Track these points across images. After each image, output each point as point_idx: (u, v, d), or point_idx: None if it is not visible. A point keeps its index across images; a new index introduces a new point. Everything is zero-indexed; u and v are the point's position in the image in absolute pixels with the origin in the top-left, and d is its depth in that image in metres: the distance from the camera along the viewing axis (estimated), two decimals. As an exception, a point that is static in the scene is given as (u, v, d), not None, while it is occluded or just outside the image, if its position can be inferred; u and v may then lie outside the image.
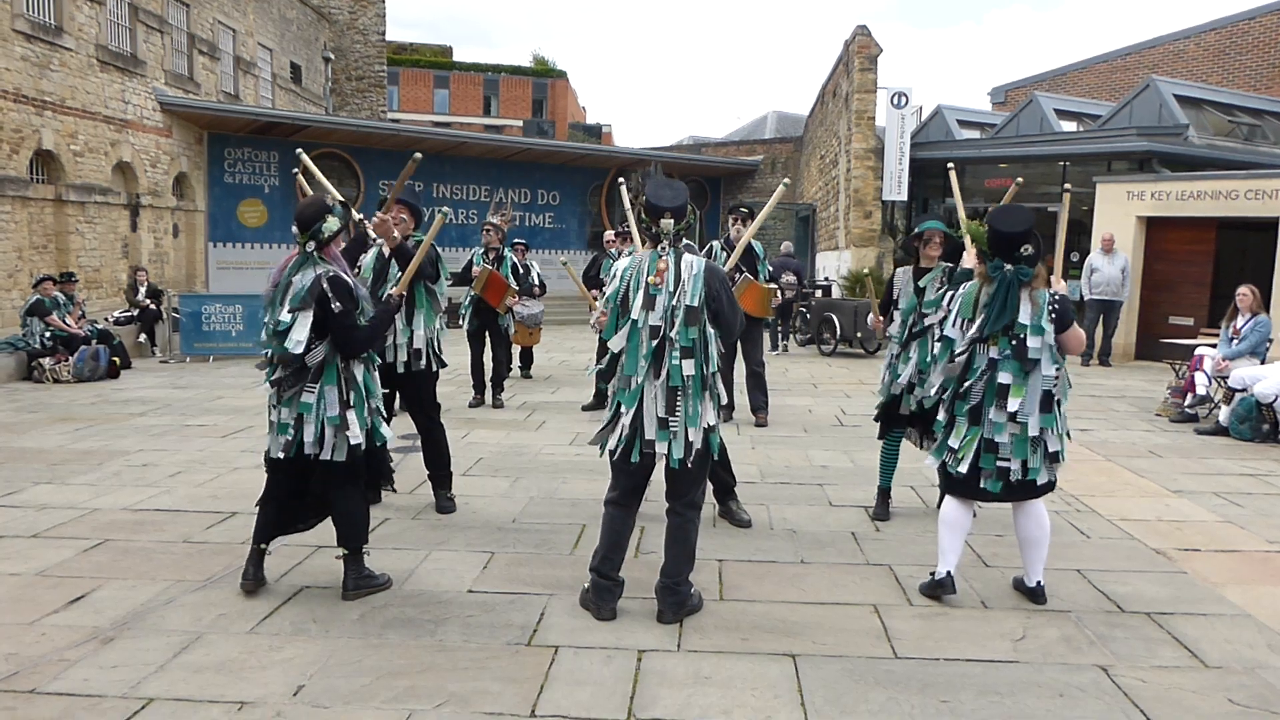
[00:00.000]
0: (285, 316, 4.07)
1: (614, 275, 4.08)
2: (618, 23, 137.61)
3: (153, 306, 14.52)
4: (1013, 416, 4.10)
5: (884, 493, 5.84)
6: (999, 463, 4.16)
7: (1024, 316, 4.09)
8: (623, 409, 4.02)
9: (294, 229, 4.22)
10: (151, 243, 17.41)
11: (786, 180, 5.06)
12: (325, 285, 4.11)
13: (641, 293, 3.94)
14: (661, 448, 3.96)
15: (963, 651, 3.82)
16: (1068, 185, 5.72)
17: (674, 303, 3.93)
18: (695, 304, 3.93)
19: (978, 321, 4.15)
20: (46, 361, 11.28)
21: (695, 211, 4.18)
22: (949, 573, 4.32)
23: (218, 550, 4.95)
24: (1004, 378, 4.11)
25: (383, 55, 31.05)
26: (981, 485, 4.22)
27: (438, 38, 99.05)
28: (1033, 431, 4.13)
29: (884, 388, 5.67)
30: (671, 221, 3.95)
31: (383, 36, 30.89)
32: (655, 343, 3.94)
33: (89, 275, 15.03)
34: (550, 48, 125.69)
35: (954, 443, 4.22)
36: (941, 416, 4.36)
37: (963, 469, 4.19)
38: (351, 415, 4.21)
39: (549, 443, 7.84)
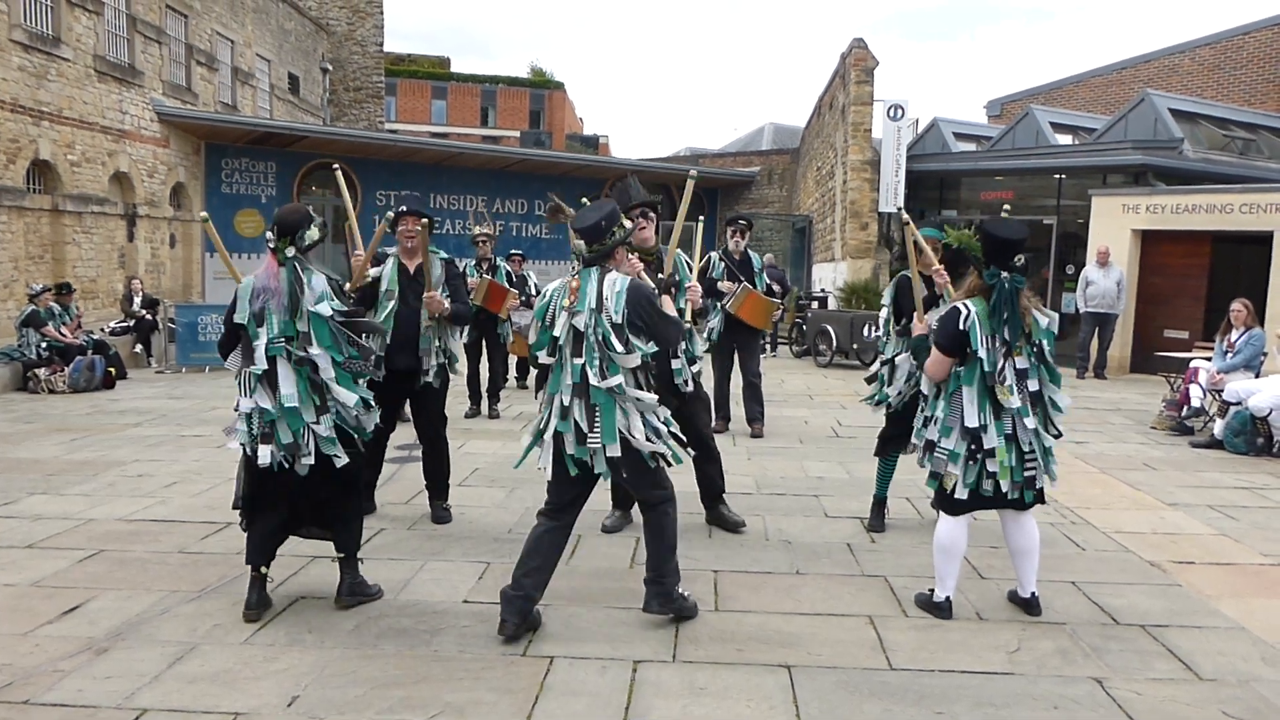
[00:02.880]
0: (321, 306, 4.10)
1: (543, 294, 4.15)
2: (615, 35, 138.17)
3: (148, 317, 14.52)
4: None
5: (880, 503, 5.85)
6: (1027, 472, 4.14)
7: (1044, 320, 4.12)
8: (544, 424, 4.07)
9: (269, 233, 4.16)
10: (148, 253, 17.41)
11: (693, 173, 4.99)
12: (339, 285, 4.25)
13: (565, 312, 3.99)
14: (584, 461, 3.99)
15: (958, 663, 3.83)
16: (906, 217, 5.53)
17: (593, 320, 3.95)
18: (619, 321, 3.94)
19: (996, 335, 4.07)
20: (42, 372, 11.28)
21: (618, 229, 4.09)
22: (948, 598, 4.31)
23: (213, 561, 4.95)
24: (1034, 385, 4.12)
25: (380, 66, 31.15)
26: (1011, 497, 4.17)
27: (435, 49, 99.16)
28: (1049, 440, 4.19)
29: (883, 397, 5.71)
30: (581, 243, 4.02)
31: (380, 47, 31.00)
32: (579, 360, 3.96)
33: (85, 285, 15.02)
34: (548, 59, 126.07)
35: (993, 467, 4.09)
36: (952, 445, 4.16)
37: (1005, 485, 4.11)
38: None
39: (545, 453, 7.83)
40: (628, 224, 4.20)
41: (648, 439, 4.01)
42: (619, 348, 3.93)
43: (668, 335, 4.09)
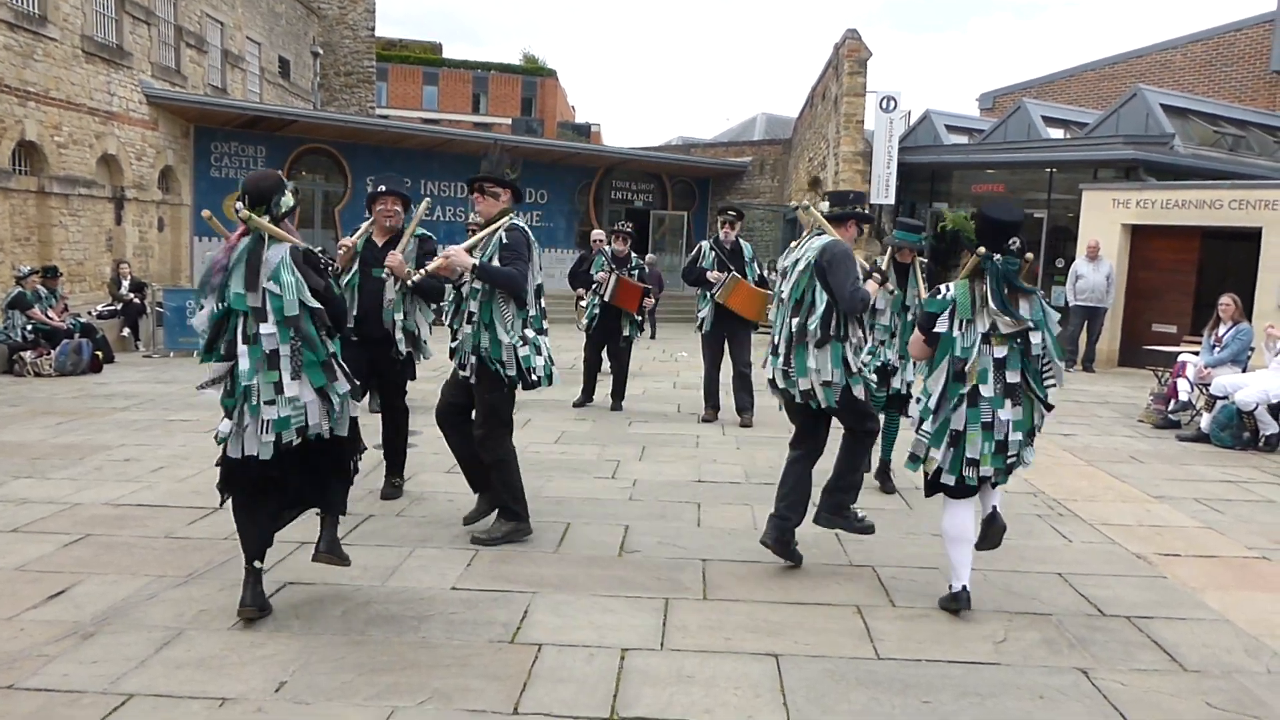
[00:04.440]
0: (274, 288, 3.76)
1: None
2: (608, 22, 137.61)
3: (136, 300, 14.43)
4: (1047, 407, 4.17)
5: (885, 466, 6.34)
6: (1008, 460, 4.13)
7: (1024, 312, 4.05)
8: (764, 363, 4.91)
9: (239, 203, 3.84)
10: (136, 236, 17.29)
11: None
12: (310, 253, 3.91)
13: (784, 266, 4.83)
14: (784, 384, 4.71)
15: (944, 653, 3.84)
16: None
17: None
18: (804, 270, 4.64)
19: (979, 320, 4.04)
20: (28, 355, 11.18)
21: (860, 207, 4.95)
22: (964, 587, 4.24)
23: (200, 546, 4.93)
24: (1013, 376, 4.07)
25: (372, 51, 30.95)
26: (994, 483, 4.21)
27: (427, 35, 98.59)
28: (1026, 426, 4.15)
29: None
30: (824, 205, 4.91)
31: (372, 32, 30.79)
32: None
33: (72, 268, 14.91)
34: (540, 46, 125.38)
35: (972, 454, 4.08)
36: (931, 427, 4.17)
37: (987, 471, 4.11)
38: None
39: (534, 440, 7.83)
40: (868, 211, 4.98)
41: (839, 378, 4.54)
42: (808, 297, 4.60)
43: (844, 296, 4.50)
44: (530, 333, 4.90)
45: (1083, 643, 3.97)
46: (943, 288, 4.20)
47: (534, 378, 4.90)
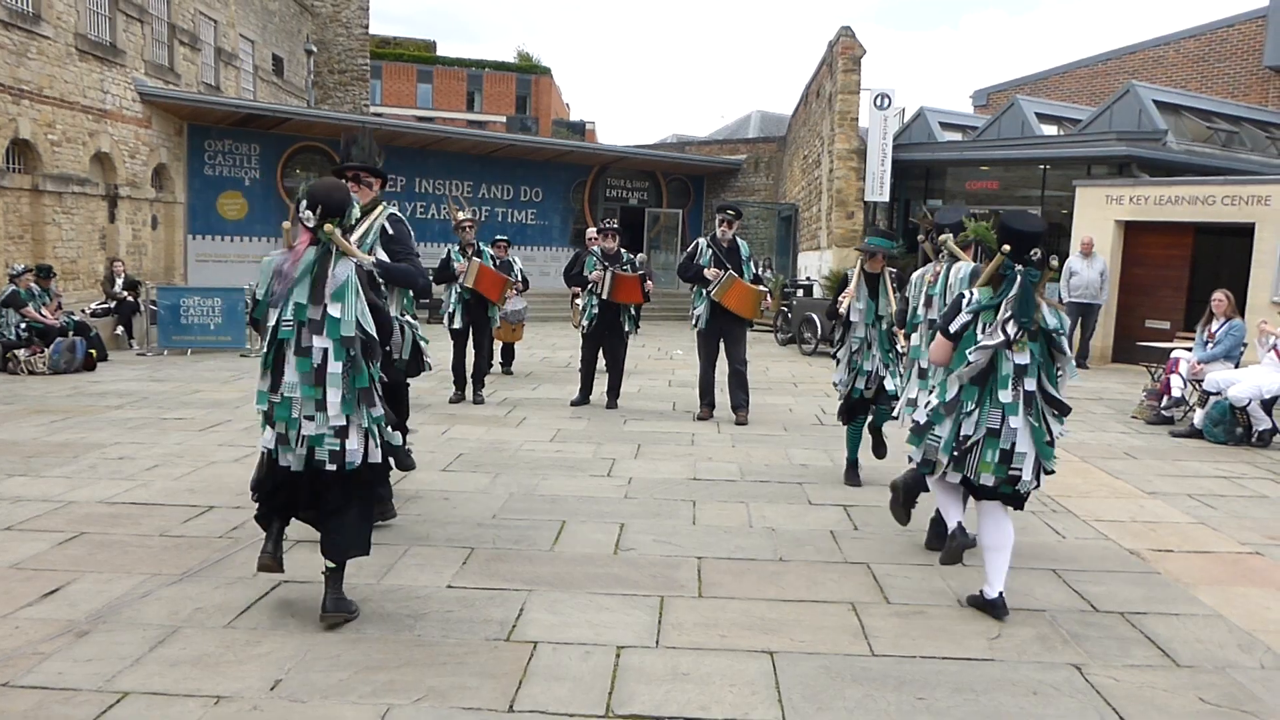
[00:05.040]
0: (335, 311, 3.72)
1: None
2: (603, 20, 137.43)
3: (130, 298, 14.40)
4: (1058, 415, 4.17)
5: (853, 464, 6.57)
6: (1011, 471, 4.08)
7: (1053, 320, 4.07)
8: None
9: (308, 211, 3.75)
10: (130, 234, 17.23)
11: None
12: (372, 274, 3.90)
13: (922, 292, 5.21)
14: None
15: (939, 649, 3.85)
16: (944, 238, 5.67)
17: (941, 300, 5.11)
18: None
19: (1004, 327, 4.01)
20: (22, 353, 11.16)
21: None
22: (960, 524, 4.30)
23: (194, 544, 4.92)
24: (1030, 384, 4.05)
25: (365, 48, 30.86)
26: (1000, 492, 4.17)
27: (421, 32, 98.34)
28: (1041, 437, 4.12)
29: (846, 384, 6.41)
30: (946, 236, 5.15)
31: (366, 30, 30.70)
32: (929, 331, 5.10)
33: (66, 266, 14.86)
34: (534, 44, 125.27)
35: (973, 461, 4.08)
36: (941, 431, 4.17)
37: (988, 480, 4.10)
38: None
39: (529, 439, 7.84)
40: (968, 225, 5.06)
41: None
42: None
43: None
44: (408, 317, 5.04)
45: (1076, 639, 3.99)
46: (967, 293, 4.21)
47: (426, 360, 5.09)
